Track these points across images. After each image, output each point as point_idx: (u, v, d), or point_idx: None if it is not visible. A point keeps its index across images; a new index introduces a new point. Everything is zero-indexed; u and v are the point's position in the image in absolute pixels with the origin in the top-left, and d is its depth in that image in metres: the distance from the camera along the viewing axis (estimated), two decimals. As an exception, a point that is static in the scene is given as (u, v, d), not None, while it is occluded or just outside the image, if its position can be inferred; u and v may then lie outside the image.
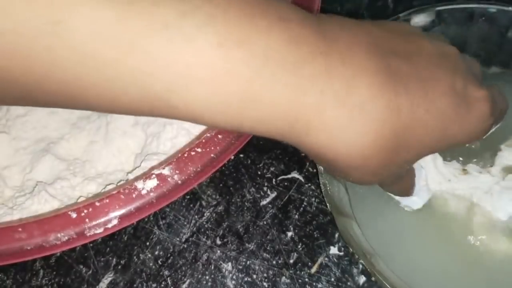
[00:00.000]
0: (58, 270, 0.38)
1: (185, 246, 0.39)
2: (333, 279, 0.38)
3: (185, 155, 0.28)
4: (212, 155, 0.28)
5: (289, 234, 0.40)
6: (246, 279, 0.38)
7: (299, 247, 0.39)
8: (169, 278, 0.38)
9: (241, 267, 0.39)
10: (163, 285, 0.38)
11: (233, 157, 0.43)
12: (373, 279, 0.37)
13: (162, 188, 0.27)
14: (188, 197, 0.41)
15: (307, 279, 0.38)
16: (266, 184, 0.42)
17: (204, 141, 0.28)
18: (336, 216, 0.32)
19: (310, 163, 0.43)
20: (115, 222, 0.27)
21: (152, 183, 0.27)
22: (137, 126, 0.38)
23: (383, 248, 0.35)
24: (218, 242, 0.40)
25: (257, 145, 0.44)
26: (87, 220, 0.26)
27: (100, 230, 0.26)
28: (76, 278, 0.38)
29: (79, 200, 0.35)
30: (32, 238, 0.26)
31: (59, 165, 0.37)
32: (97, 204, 0.27)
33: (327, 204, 0.32)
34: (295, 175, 0.43)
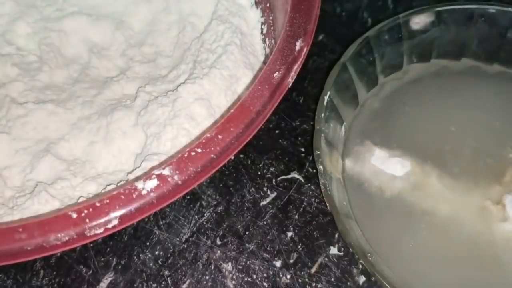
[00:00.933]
0: (58, 270, 0.38)
1: (185, 246, 0.39)
2: (333, 279, 0.38)
3: (185, 155, 0.28)
4: (212, 156, 0.28)
5: (289, 234, 0.40)
6: (246, 279, 0.38)
7: (299, 247, 0.39)
8: (169, 278, 0.38)
9: (241, 267, 0.39)
10: (163, 285, 0.38)
11: (233, 158, 0.43)
12: (373, 279, 0.37)
13: (162, 188, 0.27)
14: (188, 197, 0.41)
15: (307, 279, 0.38)
16: (266, 184, 0.42)
17: (204, 141, 0.28)
18: (336, 216, 0.32)
19: (310, 163, 0.43)
20: (115, 222, 0.27)
21: (152, 183, 0.27)
22: (137, 126, 0.38)
23: (383, 248, 0.35)
24: (218, 242, 0.40)
25: (257, 146, 0.44)
26: (87, 220, 0.26)
27: (100, 230, 0.26)
28: (76, 278, 0.38)
29: (80, 200, 0.35)
30: (32, 238, 0.26)
31: (59, 166, 0.37)
32: (98, 204, 0.27)
33: (327, 204, 0.33)
34: (295, 175, 0.43)
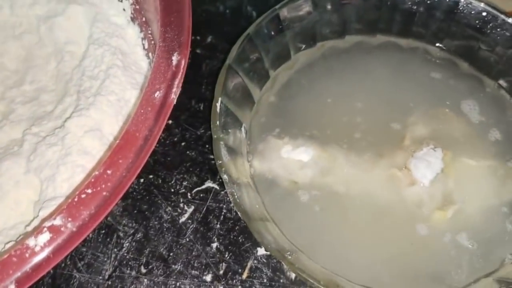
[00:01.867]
0: None
1: (110, 283, 0.38)
2: (265, 280, 0.38)
3: (76, 199, 0.26)
4: (104, 193, 0.27)
5: (214, 245, 0.39)
6: (178, 302, 0.37)
7: (227, 256, 0.39)
8: (99, 320, 0.36)
9: (171, 291, 0.38)
10: (94, 329, 0.36)
11: (142, 180, 0.42)
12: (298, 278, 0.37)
13: (56, 240, 0.26)
14: (103, 231, 0.40)
15: (240, 286, 0.38)
16: (181, 200, 0.41)
17: (93, 180, 0.27)
18: (248, 222, 0.31)
19: (221, 170, 0.42)
20: (12, 287, 0.25)
21: (44, 237, 0.25)
22: (29, 173, 0.36)
23: (306, 241, 0.35)
24: (143, 270, 0.38)
25: (165, 162, 0.43)
26: (-19, 292, 0.24)
27: (-1, 299, 0.25)
28: None
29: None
30: None
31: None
32: (-12, 273, 0.25)
33: (238, 212, 0.32)
34: (209, 184, 0.42)
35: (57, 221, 0.26)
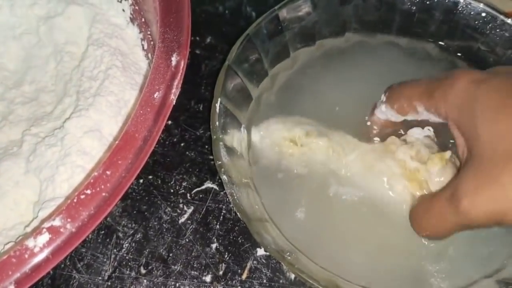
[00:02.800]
0: None
1: (109, 283, 0.38)
2: (265, 281, 0.38)
3: (75, 200, 0.26)
4: (104, 194, 0.27)
5: (214, 246, 0.39)
6: (178, 303, 0.37)
7: (226, 256, 0.39)
8: (98, 321, 0.36)
9: (170, 292, 0.38)
10: (93, 330, 0.36)
11: (142, 181, 0.42)
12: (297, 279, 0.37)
13: (55, 241, 0.25)
14: (102, 232, 0.40)
15: (239, 287, 0.38)
16: (181, 200, 0.41)
17: (92, 181, 0.27)
18: (247, 223, 0.31)
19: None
20: (12, 288, 0.25)
21: (44, 238, 0.25)
22: (28, 173, 0.36)
23: (306, 242, 0.35)
24: (142, 271, 0.38)
25: (165, 163, 0.43)
26: (-20, 293, 0.24)
27: (-2, 300, 0.25)
28: None
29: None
30: None
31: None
32: (-13, 274, 0.25)
33: (237, 213, 0.32)
34: (208, 185, 0.42)
35: (57, 222, 0.26)
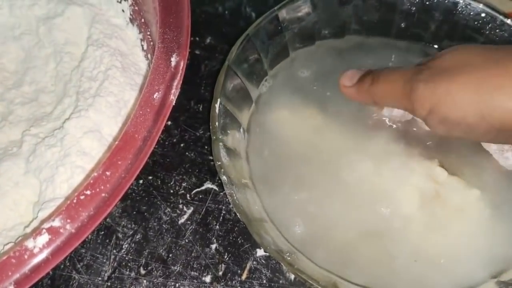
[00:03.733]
0: None
1: (109, 284, 0.38)
2: (265, 281, 0.38)
3: (74, 200, 0.26)
4: (103, 195, 0.27)
5: (213, 246, 0.39)
6: (177, 303, 0.37)
7: (226, 257, 0.39)
8: (98, 321, 0.36)
9: (170, 292, 0.38)
10: (93, 331, 0.36)
11: (141, 181, 0.42)
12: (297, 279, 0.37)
13: (55, 242, 0.25)
14: (102, 232, 0.40)
15: (239, 287, 0.38)
16: (181, 201, 0.41)
17: (92, 181, 0.27)
18: (247, 223, 0.31)
19: (220, 171, 0.42)
20: (12, 289, 0.25)
21: (43, 239, 0.25)
22: (28, 174, 0.36)
23: (305, 243, 0.35)
24: (142, 272, 0.38)
25: (164, 164, 0.43)
26: (-21, 293, 0.24)
27: (-3, 301, 0.25)
28: None
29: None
30: None
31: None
32: (-14, 274, 0.25)
33: (237, 213, 0.32)
34: (208, 185, 0.42)
35: (56, 223, 0.26)
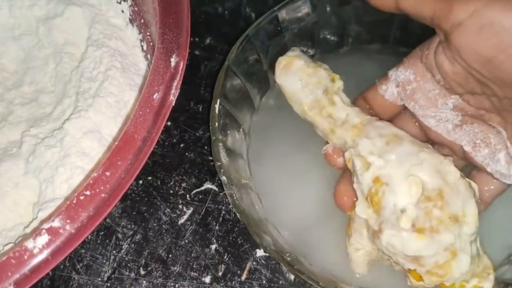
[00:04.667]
0: None
1: (108, 284, 0.38)
2: (264, 281, 0.38)
3: (74, 201, 0.26)
4: (103, 195, 0.27)
5: (213, 246, 0.39)
6: (177, 304, 0.37)
7: (226, 257, 0.39)
8: (98, 322, 0.36)
9: (170, 293, 0.38)
10: (93, 331, 0.36)
11: (141, 182, 0.42)
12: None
13: (55, 242, 0.25)
14: (102, 233, 0.40)
15: (239, 288, 0.38)
16: (180, 201, 0.41)
17: (91, 182, 0.27)
18: (246, 224, 0.31)
19: (220, 171, 0.42)
20: (11, 289, 0.25)
21: (43, 239, 0.25)
22: (28, 174, 0.36)
23: (305, 244, 0.35)
24: (142, 272, 0.38)
25: (164, 164, 0.43)
26: (-22, 294, 0.24)
27: (-3, 301, 0.25)
28: None
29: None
30: None
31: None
32: (-14, 274, 0.25)
33: (237, 214, 0.32)
34: (208, 186, 0.42)
35: (56, 223, 0.26)
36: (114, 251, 0.39)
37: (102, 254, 0.39)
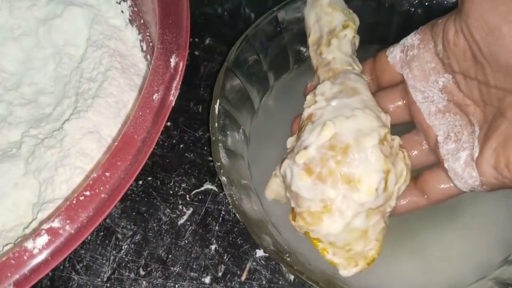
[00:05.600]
0: None
1: (108, 285, 0.38)
2: (264, 282, 0.38)
3: (74, 201, 0.26)
4: (103, 196, 0.27)
5: (213, 247, 0.39)
6: (177, 304, 0.37)
7: (225, 258, 0.39)
8: (97, 322, 0.36)
9: (170, 293, 0.38)
10: (92, 332, 0.36)
11: (141, 182, 0.42)
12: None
13: (55, 242, 0.25)
14: (101, 233, 0.40)
15: (239, 288, 0.38)
16: (180, 202, 0.41)
17: (91, 182, 0.27)
18: (246, 224, 0.31)
19: (220, 171, 0.42)
20: (11, 290, 0.25)
21: (43, 239, 0.25)
22: (28, 175, 0.36)
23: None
24: (141, 272, 0.38)
25: (164, 165, 0.43)
26: (-24, 295, 0.24)
27: (-4, 302, 0.25)
28: None
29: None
30: None
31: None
32: (-15, 275, 0.25)
33: (237, 214, 0.32)
34: (208, 186, 0.42)
35: (56, 224, 0.26)
36: (113, 252, 0.39)
37: (101, 254, 0.39)
